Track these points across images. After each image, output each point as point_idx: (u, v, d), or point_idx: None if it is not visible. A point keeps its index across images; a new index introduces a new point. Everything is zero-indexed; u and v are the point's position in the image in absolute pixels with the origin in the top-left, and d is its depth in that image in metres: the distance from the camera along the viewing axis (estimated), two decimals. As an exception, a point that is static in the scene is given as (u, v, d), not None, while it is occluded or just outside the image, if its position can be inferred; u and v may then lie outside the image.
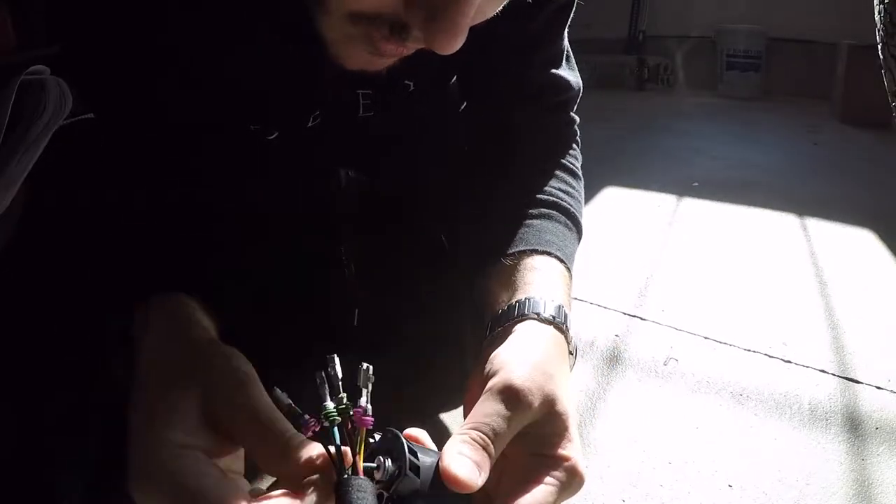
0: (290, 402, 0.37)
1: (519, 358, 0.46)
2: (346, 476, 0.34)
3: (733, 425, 0.80)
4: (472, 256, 0.62)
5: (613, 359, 0.95)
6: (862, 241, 1.38)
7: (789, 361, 0.93)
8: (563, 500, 0.41)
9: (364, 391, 0.37)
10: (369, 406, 0.37)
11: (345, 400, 0.36)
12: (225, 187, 0.55)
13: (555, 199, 0.65)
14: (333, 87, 0.56)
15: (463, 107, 0.72)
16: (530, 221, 0.62)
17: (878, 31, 1.41)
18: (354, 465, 0.35)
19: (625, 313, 1.07)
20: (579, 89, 0.72)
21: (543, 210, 0.64)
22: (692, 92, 3.25)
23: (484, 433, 0.41)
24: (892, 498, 0.68)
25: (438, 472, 0.38)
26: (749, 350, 0.96)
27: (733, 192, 1.69)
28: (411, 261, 0.67)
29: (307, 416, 0.36)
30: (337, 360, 0.37)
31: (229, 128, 0.54)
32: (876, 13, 1.41)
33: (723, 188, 1.72)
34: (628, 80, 3.40)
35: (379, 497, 0.35)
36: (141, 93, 0.49)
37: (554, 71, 0.69)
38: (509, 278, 0.56)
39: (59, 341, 0.44)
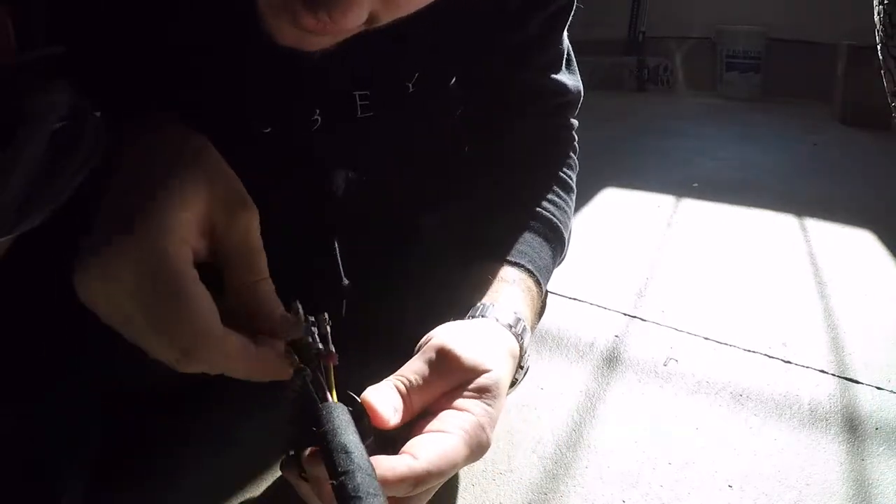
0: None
1: (458, 329, 0.49)
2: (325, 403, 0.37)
3: (733, 426, 0.80)
4: (449, 258, 0.63)
5: (613, 359, 0.95)
6: (862, 241, 1.38)
7: (789, 362, 0.93)
8: (465, 460, 0.43)
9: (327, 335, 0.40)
10: (332, 346, 0.40)
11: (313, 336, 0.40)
12: None
13: (539, 209, 0.66)
14: (328, 88, 0.56)
15: (462, 109, 0.72)
16: (512, 232, 0.63)
17: (878, 31, 1.42)
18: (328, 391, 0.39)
19: (624, 314, 1.07)
20: (579, 94, 0.72)
21: (527, 221, 0.65)
22: (692, 92, 3.25)
23: (405, 383, 0.44)
24: (892, 498, 0.68)
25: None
26: (749, 350, 0.96)
27: (733, 192, 1.69)
28: (402, 258, 0.68)
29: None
30: (300, 304, 0.40)
31: (229, 127, 0.54)
32: (875, 14, 1.41)
33: (722, 189, 1.72)
34: (628, 80, 3.40)
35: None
36: (139, 90, 0.49)
37: (553, 75, 0.69)
38: (477, 285, 0.58)
39: (58, 341, 0.44)
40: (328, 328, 0.40)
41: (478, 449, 0.44)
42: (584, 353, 0.97)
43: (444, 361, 0.45)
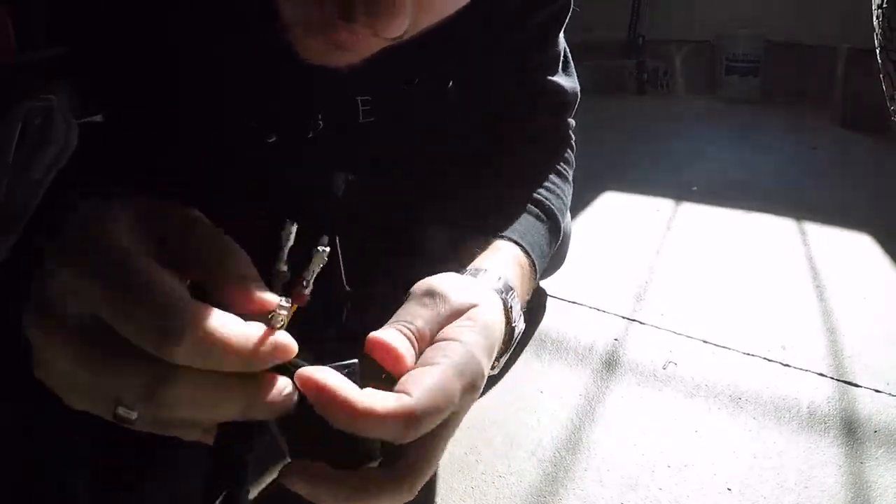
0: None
1: (442, 275, 0.45)
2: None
3: (732, 429, 0.80)
4: (442, 248, 0.61)
5: (612, 362, 0.95)
6: (860, 245, 1.39)
7: (788, 365, 0.93)
8: (462, 387, 0.36)
9: (312, 269, 0.34)
10: (311, 282, 0.34)
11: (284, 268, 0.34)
12: (225, 187, 0.55)
13: (532, 193, 0.65)
14: (331, 94, 0.56)
15: (460, 111, 0.72)
16: (499, 210, 0.62)
17: (877, 35, 1.42)
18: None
19: (624, 317, 1.07)
20: (576, 95, 0.72)
21: (516, 201, 0.63)
22: (692, 96, 3.25)
23: (409, 329, 0.39)
24: (891, 501, 0.68)
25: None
26: (748, 354, 0.96)
27: (732, 196, 1.69)
28: (402, 262, 0.68)
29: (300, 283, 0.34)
30: (294, 228, 0.34)
31: (231, 130, 0.54)
32: (874, 18, 1.41)
33: (722, 192, 1.73)
34: (628, 83, 3.40)
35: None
36: (142, 93, 0.49)
37: (550, 77, 0.69)
38: (463, 258, 0.54)
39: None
40: (319, 265, 0.34)
41: (472, 378, 0.37)
42: (584, 356, 0.97)
43: (434, 300, 0.42)
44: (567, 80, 0.70)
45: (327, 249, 0.35)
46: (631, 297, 1.15)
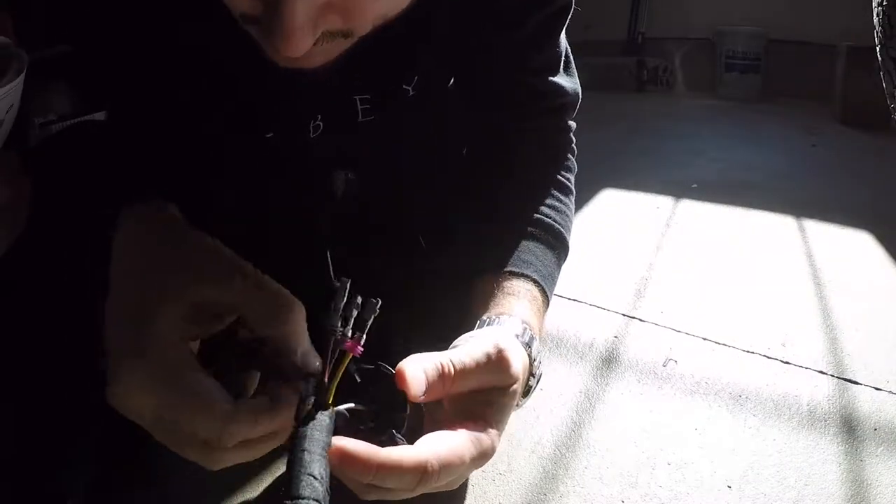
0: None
1: (485, 332, 0.50)
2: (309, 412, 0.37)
3: (732, 426, 0.80)
4: (457, 273, 0.63)
5: (612, 360, 0.95)
6: (860, 242, 1.39)
7: (788, 363, 0.94)
8: (472, 461, 0.42)
9: (367, 323, 0.39)
10: (364, 336, 0.38)
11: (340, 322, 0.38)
12: (226, 187, 0.55)
13: (540, 216, 0.66)
14: (330, 94, 0.56)
15: (460, 111, 0.72)
16: (514, 241, 0.64)
17: (877, 33, 1.42)
18: (327, 391, 0.38)
19: (623, 314, 1.08)
20: (577, 96, 0.72)
21: (528, 229, 0.65)
22: (691, 93, 3.25)
23: (451, 365, 0.44)
24: (890, 499, 0.68)
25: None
26: (748, 351, 0.96)
27: (732, 193, 1.69)
28: (390, 260, 0.68)
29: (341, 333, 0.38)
30: (348, 285, 0.39)
31: (231, 130, 0.54)
32: (875, 15, 1.41)
33: (721, 190, 1.72)
34: (627, 81, 3.40)
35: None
36: (141, 92, 0.49)
37: (551, 78, 0.69)
38: (485, 299, 0.58)
39: (59, 340, 0.44)
40: (372, 316, 0.39)
41: (486, 452, 0.44)
42: (584, 353, 0.97)
43: (496, 362, 0.46)
44: (568, 81, 0.70)
45: (379, 301, 0.39)
46: (630, 294, 1.15)
